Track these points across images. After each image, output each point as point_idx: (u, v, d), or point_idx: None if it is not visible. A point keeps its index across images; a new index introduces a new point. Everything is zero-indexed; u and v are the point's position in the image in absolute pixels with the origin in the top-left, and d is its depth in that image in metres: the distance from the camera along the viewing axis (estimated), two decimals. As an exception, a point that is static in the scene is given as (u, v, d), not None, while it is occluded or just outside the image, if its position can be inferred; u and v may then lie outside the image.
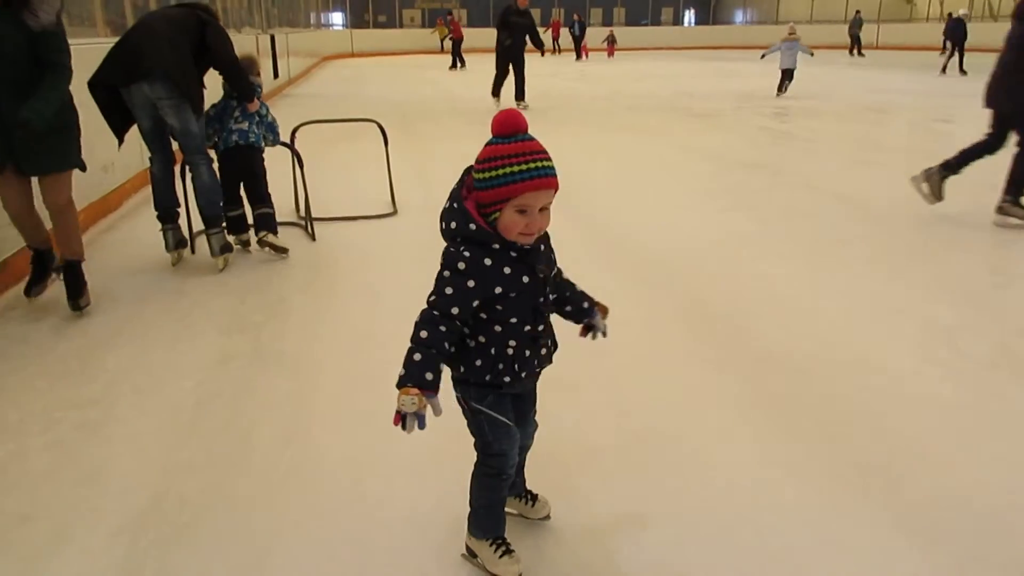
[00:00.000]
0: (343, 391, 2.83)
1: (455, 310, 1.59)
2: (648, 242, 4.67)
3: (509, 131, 1.59)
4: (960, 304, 3.66)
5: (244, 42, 9.72)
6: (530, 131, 1.61)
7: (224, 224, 4.34)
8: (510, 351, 1.68)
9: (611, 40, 28.17)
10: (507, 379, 1.70)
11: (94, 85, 4.02)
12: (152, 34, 4.02)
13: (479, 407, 1.74)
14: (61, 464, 2.39)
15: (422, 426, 1.55)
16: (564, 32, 28.68)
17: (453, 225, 1.62)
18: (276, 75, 14.03)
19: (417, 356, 1.58)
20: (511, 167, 1.56)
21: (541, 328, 1.71)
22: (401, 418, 1.54)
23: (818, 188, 6.24)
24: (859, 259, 4.36)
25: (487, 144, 1.60)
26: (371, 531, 2.04)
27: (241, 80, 4.36)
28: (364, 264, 4.36)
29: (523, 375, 1.72)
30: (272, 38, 13.92)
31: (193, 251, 4.52)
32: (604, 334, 1.89)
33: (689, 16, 39.33)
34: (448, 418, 1.67)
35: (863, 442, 2.46)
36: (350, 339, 3.28)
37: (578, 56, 26.42)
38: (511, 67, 11.26)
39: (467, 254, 1.59)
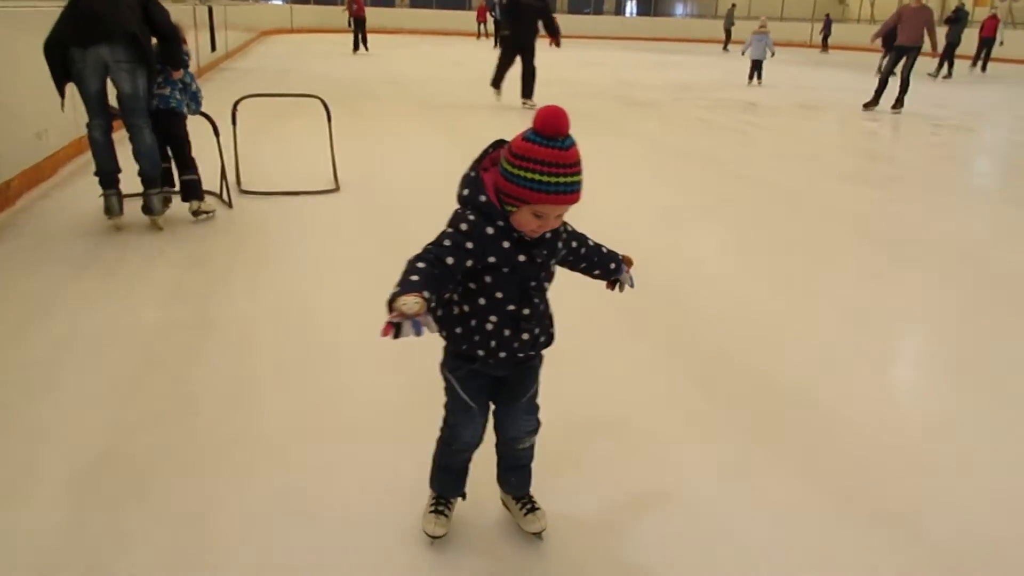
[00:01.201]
0: (284, 358, 2.91)
1: (449, 260, 1.57)
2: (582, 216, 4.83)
3: (550, 132, 1.53)
4: (867, 286, 3.94)
5: (180, 12, 9.49)
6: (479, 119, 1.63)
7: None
8: (489, 326, 1.69)
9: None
10: (480, 352, 1.71)
11: (51, 45, 4.00)
12: (117, 8, 4.05)
13: (449, 375, 1.79)
14: (5, 424, 2.42)
15: (419, 332, 1.42)
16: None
17: (466, 192, 1.63)
18: (213, 48, 13.72)
19: (414, 276, 1.51)
20: (540, 175, 1.53)
21: (527, 312, 1.70)
22: (395, 327, 1.42)
23: (746, 176, 6.52)
24: (781, 242, 4.62)
25: (525, 138, 1.55)
26: (317, 488, 2.14)
27: (176, 49, 4.43)
28: (306, 238, 4.41)
29: (500, 355, 1.71)
30: (210, 10, 13.59)
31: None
32: (631, 285, 1.94)
33: (631, 7, 39.76)
34: (389, 387, 1.78)
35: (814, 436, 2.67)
36: (291, 309, 3.35)
37: (497, 43, 24.94)
38: (519, 58, 9.89)
39: (472, 218, 1.60)
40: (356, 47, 19.21)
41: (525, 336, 1.73)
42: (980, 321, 3.61)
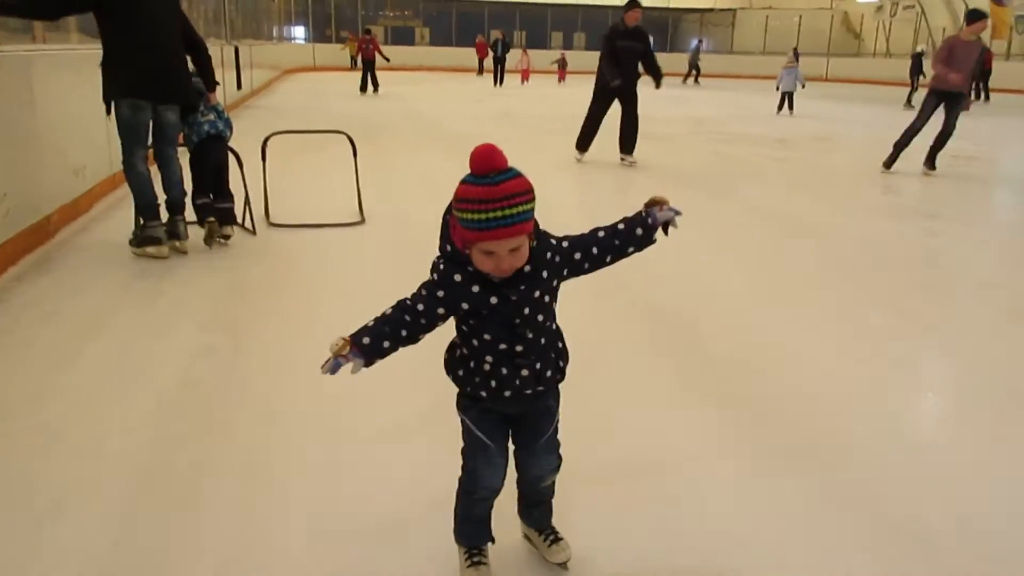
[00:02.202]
0: (316, 380, 3.02)
1: (420, 307, 1.65)
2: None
3: (481, 170, 1.54)
4: (888, 311, 4.02)
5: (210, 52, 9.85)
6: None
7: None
8: (486, 367, 1.70)
9: (562, 64, 26.00)
10: (483, 393, 1.72)
11: (126, 90, 4.37)
12: (176, 53, 4.56)
13: (462, 415, 1.80)
14: (52, 442, 2.55)
15: (333, 371, 1.64)
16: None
17: (439, 238, 1.67)
18: (239, 86, 14.10)
19: (370, 322, 1.67)
20: (474, 213, 1.51)
21: (519, 349, 1.68)
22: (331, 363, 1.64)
23: (758, 208, 6.62)
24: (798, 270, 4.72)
25: (462, 181, 1.56)
26: (350, 504, 2.25)
27: (212, 71, 4.82)
28: (334, 268, 4.56)
29: (505, 393, 1.71)
30: (236, 49, 14.01)
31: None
32: (677, 219, 1.78)
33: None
34: (418, 396, 1.88)
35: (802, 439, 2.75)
36: (323, 336, 3.48)
37: (497, 80, 23.76)
38: (622, 110, 8.59)
39: (442, 267, 1.65)
40: (364, 88, 18.41)
41: (525, 372, 1.71)
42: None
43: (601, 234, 1.76)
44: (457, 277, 1.63)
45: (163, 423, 2.68)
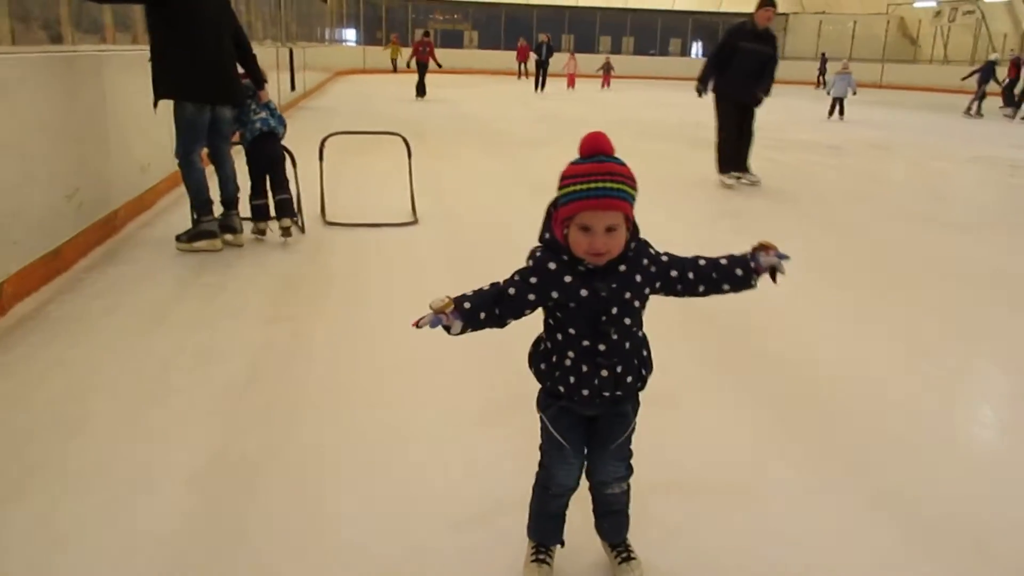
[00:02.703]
0: (374, 371, 3.13)
1: (511, 290, 1.68)
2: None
3: (586, 152, 1.61)
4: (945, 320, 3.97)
5: (266, 54, 10.08)
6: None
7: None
8: (567, 362, 1.71)
9: (607, 68, 25.40)
10: (561, 389, 1.73)
11: (193, 94, 4.56)
12: (229, 52, 4.74)
13: (541, 413, 1.82)
14: (128, 426, 2.66)
15: (433, 325, 1.64)
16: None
17: (540, 228, 1.71)
18: (293, 88, 14.39)
19: (469, 291, 1.70)
20: (575, 186, 1.59)
21: (602, 348, 1.69)
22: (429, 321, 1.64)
23: (813, 215, 6.55)
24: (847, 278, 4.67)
25: (568, 164, 1.64)
26: (411, 488, 2.32)
27: (259, 68, 4.98)
28: (388, 266, 4.65)
29: (583, 392, 1.72)
30: (291, 51, 14.30)
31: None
32: (784, 265, 1.77)
33: (696, 48, 39.94)
34: (489, 391, 1.92)
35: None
36: (378, 329, 3.58)
37: (538, 85, 22.55)
38: (739, 119, 7.47)
39: (538, 254, 1.68)
40: (422, 92, 17.98)
41: (604, 373, 1.71)
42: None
43: (702, 263, 1.77)
44: (551, 265, 1.66)
45: (229, 412, 2.78)
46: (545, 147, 9.69)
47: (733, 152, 7.45)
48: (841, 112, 15.76)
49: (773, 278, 1.78)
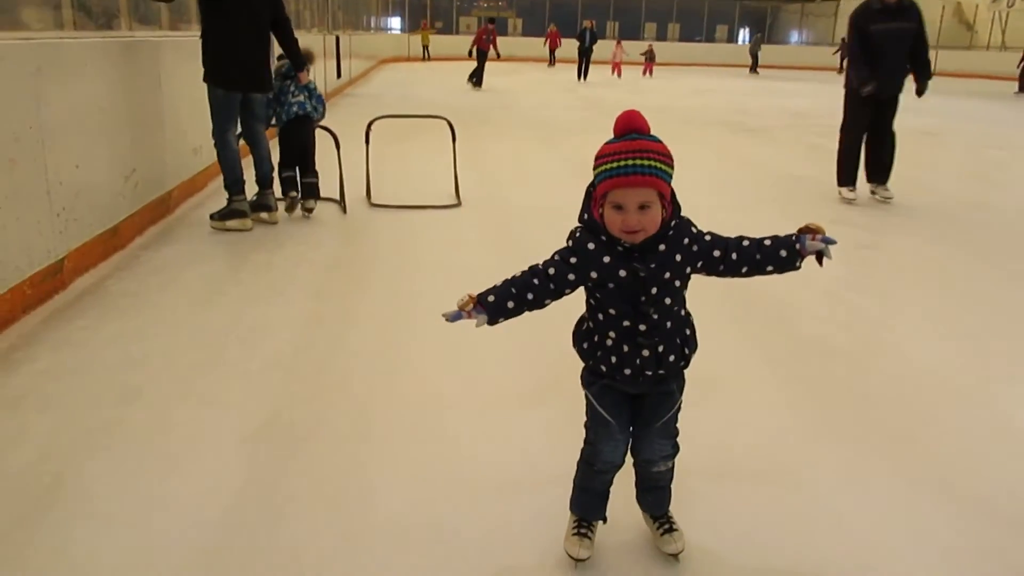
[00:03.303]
0: (420, 345, 3.21)
1: (551, 271, 1.71)
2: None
3: (620, 131, 1.63)
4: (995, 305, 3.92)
5: (313, 41, 10.24)
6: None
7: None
8: (609, 342, 1.73)
9: (650, 56, 24.35)
10: (603, 368, 1.75)
11: (224, 82, 4.75)
12: (267, 41, 4.95)
13: (586, 390, 1.83)
14: (184, 393, 2.78)
15: (453, 319, 1.69)
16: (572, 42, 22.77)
17: (580, 209, 1.73)
18: (339, 75, 14.56)
19: (498, 283, 1.73)
20: (607, 164, 1.60)
21: (643, 328, 1.70)
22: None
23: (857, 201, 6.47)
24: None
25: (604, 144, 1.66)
26: (458, 455, 2.39)
27: (299, 52, 5.13)
28: (432, 247, 4.74)
29: (625, 371, 1.73)
30: (337, 39, 14.47)
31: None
32: (831, 250, 1.73)
33: (743, 34, 39.34)
34: (533, 368, 1.97)
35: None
36: (425, 308, 3.64)
37: (581, 74, 21.29)
38: (872, 121, 6.20)
39: (578, 234, 1.71)
40: (478, 82, 17.37)
41: (646, 353, 1.72)
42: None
43: (745, 243, 1.75)
44: (591, 245, 1.68)
45: (280, 382, 2.88)
46: (588, 133, 9.68)
47: (856, 160, 6.31)
48: None
49: (819, 261, 1.76)
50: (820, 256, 1.74)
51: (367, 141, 5.70)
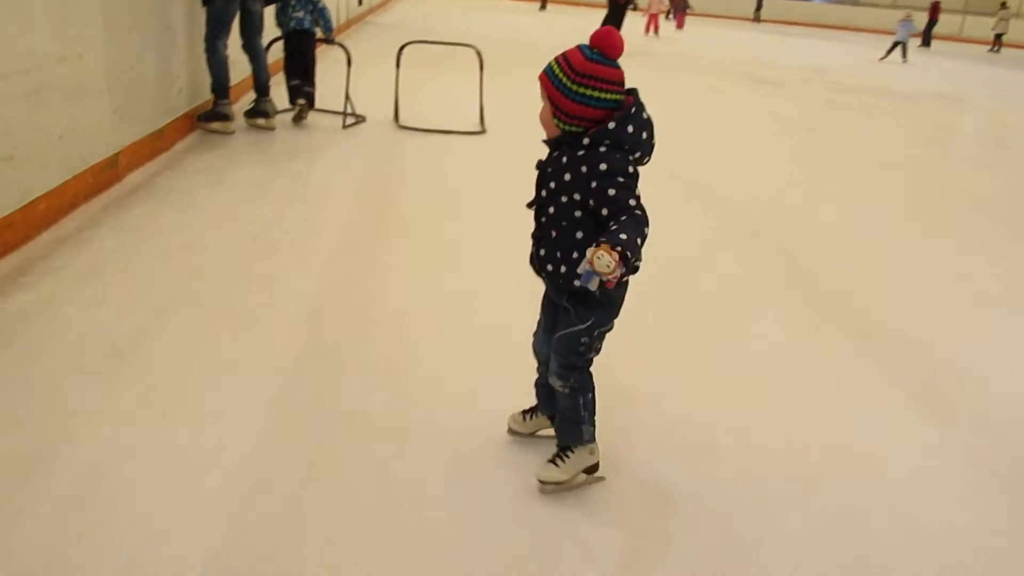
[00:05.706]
0: (453, 241, 3.60)
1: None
2: (714, 184, 5.22)
3: (592, 44, 1.91)
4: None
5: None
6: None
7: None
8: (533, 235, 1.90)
9: (682, 6, 21.03)
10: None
11: None
12: None
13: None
14: (239, 276, 3.07)
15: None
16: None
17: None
18: (360, 2, 14.55)
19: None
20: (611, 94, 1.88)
21: (536, 224, 1.86)
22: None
23: (868, 156, 6.69)
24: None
25: (589, 59, 1.87)
26: (480, 351, 2.68)
27: None
28: (458, 169, 5.00)
29: (534, 264, 1.90)
30: (359, -35, 14.40)
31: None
32: (591, 284, 1.63)
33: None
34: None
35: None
36: (455, 213, 4.05)
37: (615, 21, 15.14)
38: None
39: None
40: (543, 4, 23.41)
41: (533, 248, 1.88)
42: None
43: (612, 226, 1.66)
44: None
45: (330, 270, 3.20)
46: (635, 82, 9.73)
47: None
48: (904, 54, 16.81)
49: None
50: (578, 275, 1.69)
51: (398, 65, 5.88)
